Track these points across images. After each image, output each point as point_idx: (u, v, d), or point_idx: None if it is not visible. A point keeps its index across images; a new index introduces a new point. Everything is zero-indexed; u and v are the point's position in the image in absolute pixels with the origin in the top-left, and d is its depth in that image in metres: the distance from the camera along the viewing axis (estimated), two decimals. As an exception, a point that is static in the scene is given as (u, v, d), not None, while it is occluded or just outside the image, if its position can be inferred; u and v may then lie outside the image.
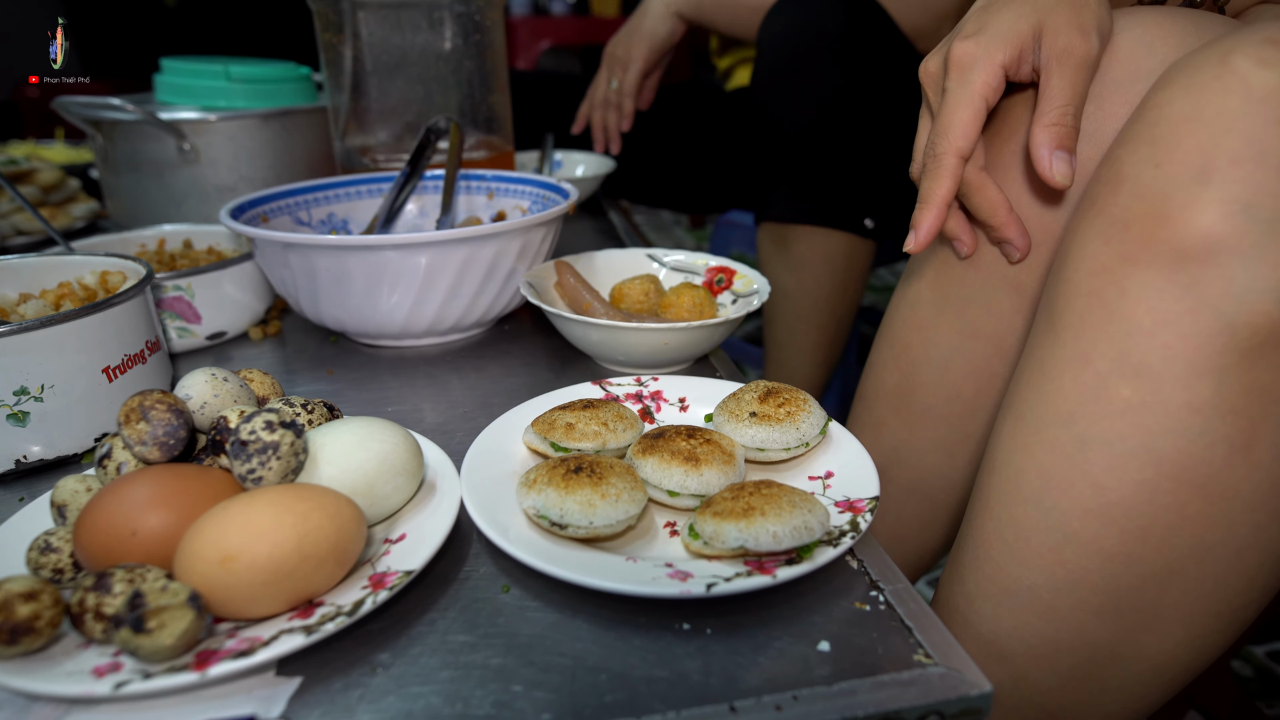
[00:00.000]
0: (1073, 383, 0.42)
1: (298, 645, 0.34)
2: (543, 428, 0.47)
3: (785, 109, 0.98)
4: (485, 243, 0.63)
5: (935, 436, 0.63)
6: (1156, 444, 0.40)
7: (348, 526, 0.37)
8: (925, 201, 0.49)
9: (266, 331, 0.74)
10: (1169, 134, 0.39)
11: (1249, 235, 0.36)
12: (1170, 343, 0.38)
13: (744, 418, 0.48)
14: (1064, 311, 0.43)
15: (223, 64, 0.94)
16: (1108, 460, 0.41)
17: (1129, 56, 0.48)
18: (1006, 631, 0.46)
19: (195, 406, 0.45)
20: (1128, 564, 0.41)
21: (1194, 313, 0.38)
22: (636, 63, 1.16)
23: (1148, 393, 0.39)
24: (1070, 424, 0.42)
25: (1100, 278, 0.41)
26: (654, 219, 3.15)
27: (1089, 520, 0.42)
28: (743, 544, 0.37)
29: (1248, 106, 0.36)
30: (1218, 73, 0.38)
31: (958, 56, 0.48)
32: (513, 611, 0.38)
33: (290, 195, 0.77)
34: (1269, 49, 0.36)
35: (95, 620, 0.34)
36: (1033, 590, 0.45)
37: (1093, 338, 0.41)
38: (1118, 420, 0.40)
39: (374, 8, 0.84)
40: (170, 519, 0.37)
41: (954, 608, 0.50)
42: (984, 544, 0.48)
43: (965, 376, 0.60)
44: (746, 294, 0.68)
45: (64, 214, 0.99)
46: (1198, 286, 0.37)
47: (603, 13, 3.20)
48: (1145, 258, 0.39)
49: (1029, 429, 0.45)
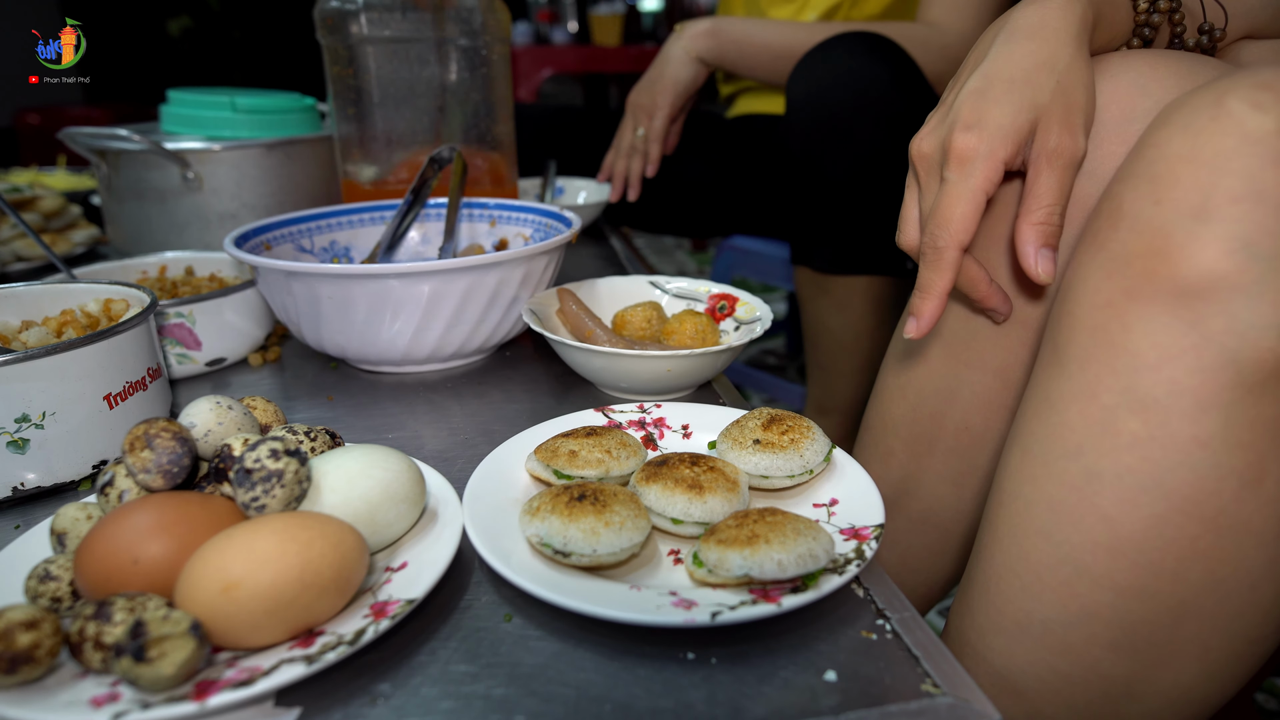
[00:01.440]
0: (1079, 416, 0.42)
1: (298, 675, 0.33)
2: (545, 455, 0.47)
3: (822, 163, 0.97)
4: (488, 271, 0.63)
5: (943, 468, 0.63)
6: (1165, 478, 0.39)
7: (350, 555, 0.37)
8: (927, 292, 0.49)
9: (266, 358, 0.74)
10: (1167, 172, 0.39)
11: (1250, 272, 0.36)
12: (1176, 377, 0.39)
13: (748, 445, 0.47)
14: (1068, 345, 0.43)
15: (229, 95, 0.95)
16: (1117, 494, 0.41)
17: (1125, 97, 0.49)
18: (1019, 667, 0.46)
19: (199, 434, 0.45)
20: (1141, 598, 0.41)
21: (1198, 348, 0.38)
22: (662, 110, 1.15)
23: (1155, 426, 0.39)
24: (1078, 457, 0.42)
25: (1104, 312, 0.41)
26: (656, 243, 3.16)
27: (1100, 554, 0.42)
28: (747, 572, 0.37)
29: (1244, 147, 0.37)
30: (1214, 114, 0.38)
31: (959, 149, 0.47)
32: (515, 641, 0.38)
33: (293, 223, 0.78)
34: (1262, 93, 0.37)
35: (95, 650, 0.34)
36: (1045, 624, 0.44)
37: (1098, 371, 0.41)
38: (1126, 454, 0.40)
39: (383, 43, 0.85)
40: (172, 548, 0.37)
41: (965, 641, 0.49)
42: (994, 577, 0.47)
43: (972, 408, 0.60)
44: (749, 321, 0.68)
45: (65, 240, 0.99)
46: (1201, 322, 0.38)
47: (604, 42, 3.24)
48: (1148, 293, 0.39)
49: (1037, 461, 0.45)
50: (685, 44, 1.12)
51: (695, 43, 1.11)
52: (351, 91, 0.87)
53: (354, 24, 0.84)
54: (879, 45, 0.94)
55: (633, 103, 1.17)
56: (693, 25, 1.12)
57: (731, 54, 1.12)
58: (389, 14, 0.84)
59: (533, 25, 3.47)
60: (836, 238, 1.00)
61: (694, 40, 1.11)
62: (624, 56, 3.16)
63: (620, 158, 1.19)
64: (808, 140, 0.98)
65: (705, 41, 1.11)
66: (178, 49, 3.66)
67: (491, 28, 0.88)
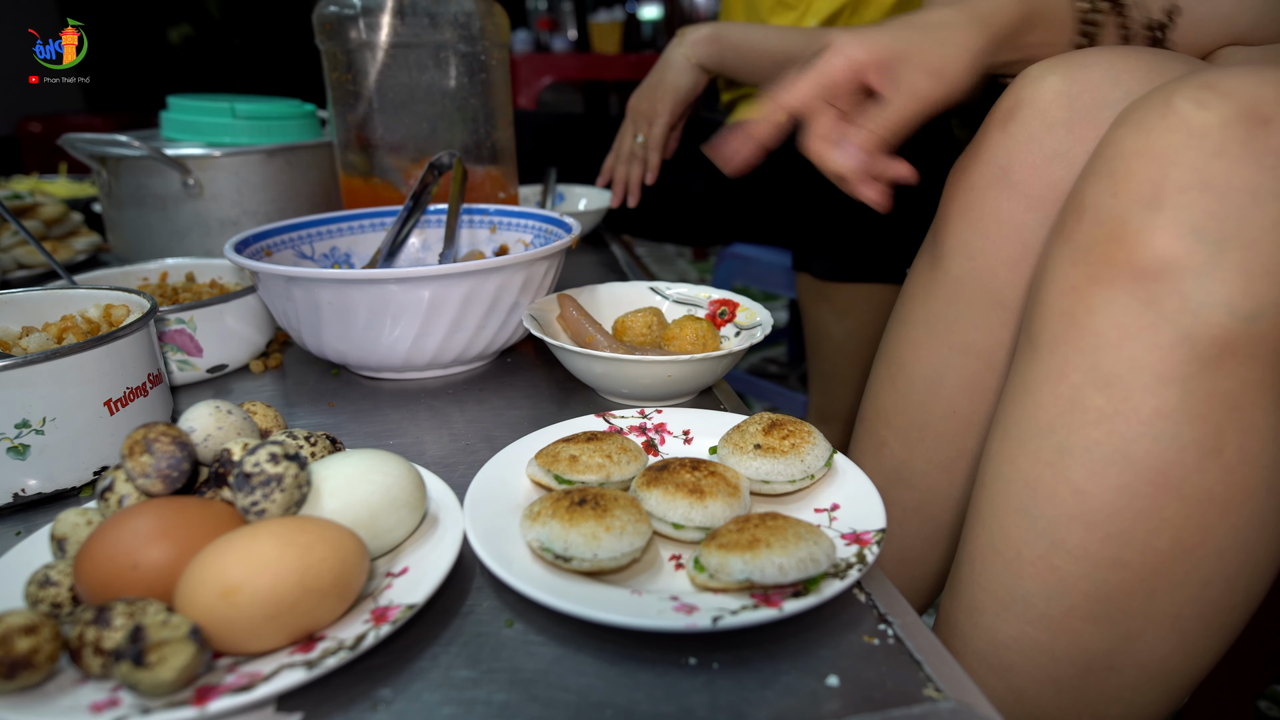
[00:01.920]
0: (1050, 395, 0.45)
1: (299, 681, 0.33)
2: (546, 460, 0.47)
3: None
4: (488, 276, 0.63)
5: (934, 454, 0.64)
6: (1131, 449, 0.42)
7: (350, 559, 0.37)
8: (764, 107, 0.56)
9: (267, 364, 0.74)
10: (1123, 167, 0.42)
11: (1199, 254, 0.39)
12: (1136, 354, 0.41)
13: (748, 450, 0.47)
14: (1040, 330, 0.46)
15: (229, 101, 0.95)
16: (1087, 467, 0.43)
17: (1097, 87, 0.52)
18: (1004, 643, 0.47)
19: (199, 439, 0.44)
20: (1114, 568, 0.43)
21: (1155, 326, 0.41)
22: (662, 117, 1.14)
23: (1119, 401, 0.42)
24: (1050, 434, 0.45)
25: (1070, 297, 0.44)
26: (657, 251, 3.17)
27: (1074, 526, 0.44)
28: (749, 576, 0.37)
29: (1190, 141, 0.40)
30: (1162, 113, 0.42)
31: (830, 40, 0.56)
32: (516, 646, 0.38)
33: (293, 229, 0.78)
34: (1205, 92, 0.41)
35: (94, 655, 0.34)
36: (1026, 599, 0.46)
37: (1065, 352, 0.44)
38: (1093, 428, 0.43)
39: (381, 48, 0.85)
40: (172, 552, 0.37)
41: (954, 623, 0.51)
42: (979, 556, 0.49)
43: (959, 392, 0.61)
44: (749, 326, 0.68)
45: (66, 247, 0.99)
46: (1157, 302, 0.40)
47: (603, 49, 3.25)
48: (1108, 277, 0.42)
49: (1014, 442, 0.47)
50: (686, 50, 1.12)
51: (696, 49, 1.11)
52: (351, 97, 0.87)
53: (352, 29, 0.84)
54: None
55: (632, 108, 1.17)
56: (693, 31, 1.12)
57: (732, 60, 1.11)
58: (387, 19, 0.84)
59: (533, 33, 3.49)
60: (839, 246, 1.00)
61: (694, 46, 1.11)
62: (624, 64, 3.17)
63: (620, 163, 1.19)
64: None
65: (706, 48, 1.11)
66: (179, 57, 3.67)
67: (490, 32, 0.88)
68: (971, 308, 0.59)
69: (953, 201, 0.59)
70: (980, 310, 0.59)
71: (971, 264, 0.58)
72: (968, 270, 0.58)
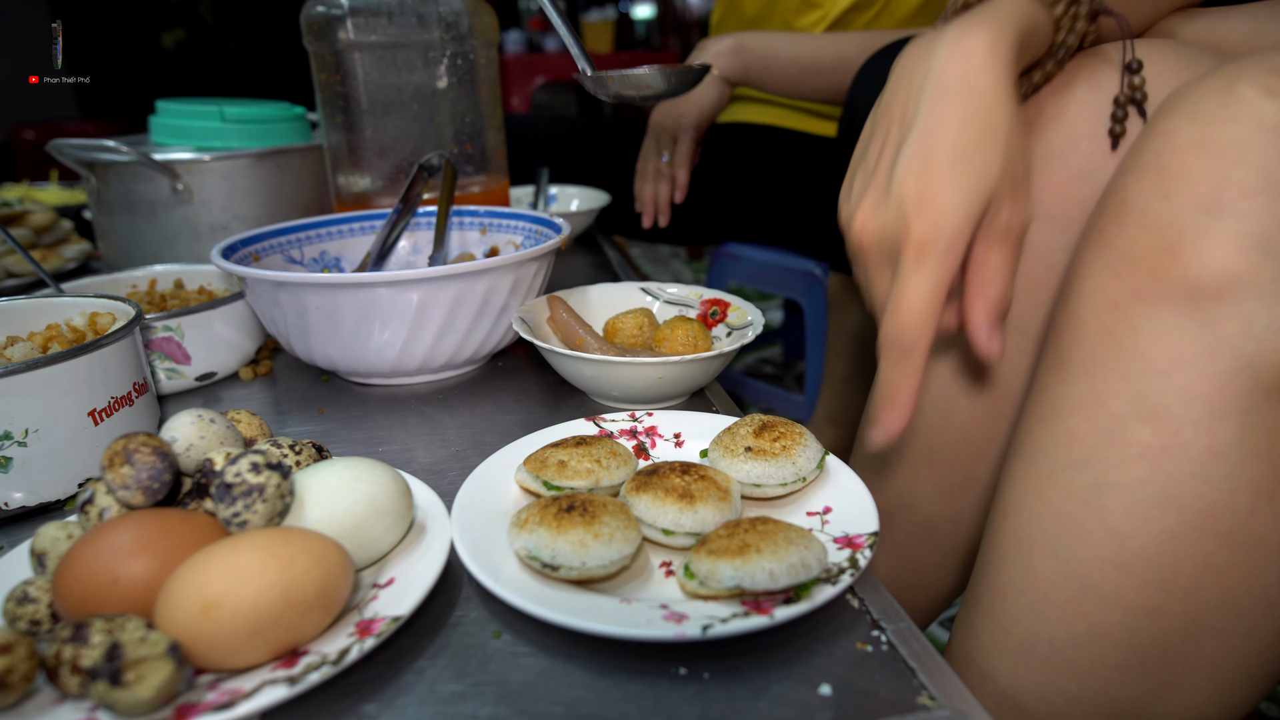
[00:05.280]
0: (1086, 424, 0.41)
1: (281, 697, 0.32)
2: (535, 466, 0.47)
3: None
4: (477, 278, 0.62)
5: (941, 480, 0.61)
6: (1178, 490, 0.38)
7: (334, 571, 0.36)
8: (895, 396, 0.43)
9: (257, 371, 0.73)
10: (1177, 164, 0.37)
11: (1265, 271, 0.35)
12: (1189, 384, 0.37)
13: (739, 453, 0.47)
14: (1074, 349, 0.41)
15: (218, 105, 0.95)
16: (1127, 507, 0.39)
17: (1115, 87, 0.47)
18: (1026, 688, 0.44)
19: (181, 449, 0.44)
20: (1152, 617, 0.40)
21: (1212, 352, 0.36)
22: (688, 133, 1.11)
23: (1167, 436, 0.38)
24: (1086, 468, 0.41)
25: (1111, 314, 0.39)
26: (651, 251, 3.16)
27: (1109, 571, 0.40)
28: (739, 583, 0.36)
29: (1259, 136, 0.35)
30: (1224, 101, 0.36)
31: (917, 240, 0.41)
32: (504, 658, 0.37)
33: (282, 234, 0.77)
34: (1275, 78, 0.36)
35: (72, 673, 0.33)
36: (1052, 644, 0.42)
37: (1106, 377, 0.40)
38: (1136, 465, 0.39)
39: (370, 48, 0.84)
40: (152, 566, 0.36)
41: (970, 661, 0.48)
42: (999, 594, 0.45)
43: (970, 419, 0.58)
44: (741, 326, 0.68)
45: (56, 255, 0.99)
46: (1215, 324, 0.36)
47: (595, 49, 3.25)
48: (1158, 294, 0.37)
49: (1042, 473, 0.43)
50: (708, 63, 1.09)
51: (719, 61, 1.08)
52: (339, 99, 0.87)
53: (340, 29, 0.83)
54: None
55: (655, 124, 1.14)
56: (714, 44, 1.08)
57: (757, 70, 1.08)
58: (375, 19, 0.83)
59: (525, 33, 3.48)
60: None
61: (717, 59, 1.08)
62: (615, 63, 3.17)
63: (647, 183, 1.16)
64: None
65: (730, 59, 1.07)
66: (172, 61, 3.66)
67: (479, 31, 0.87)
68: None
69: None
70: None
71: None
72: None
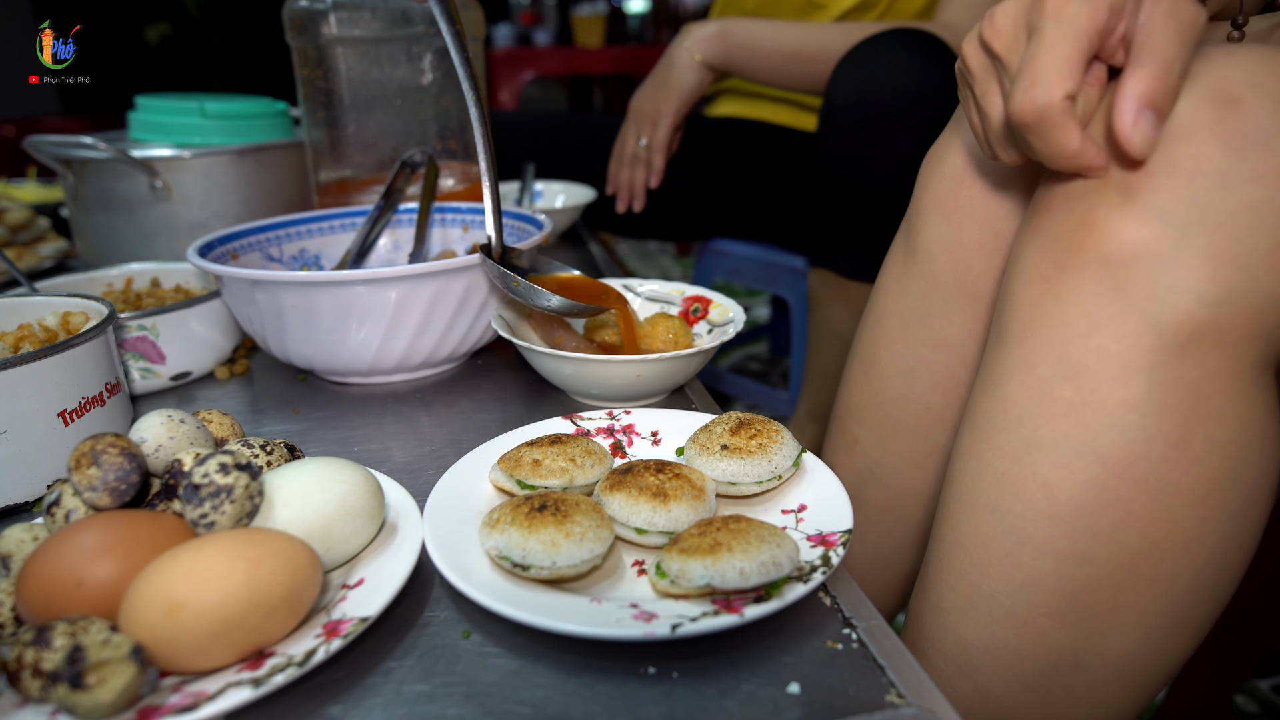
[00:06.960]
0: (1019, 387, 0.44)
1: (244, 700, 0.32)
2: (509, 465, 0.46)
3: (865, 166, 0.93)
4: (456, 276, 0.62)
5: (906, 450, 0.63)
6: (1098, 442, 0.41)
7: (302, 572, 0.36)
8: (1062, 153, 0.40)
9: (233, 370, 0.72)
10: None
11: (1166, 240, 0.38)
12: (1104, 344, 0.40)
13: (715, 450, 0.47)
14: (1009, 320, 0.45)
15: (198, 100, 0.94)
16: (1054, 460, 0.42)
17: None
18: (970, 642, 0.46)
19: (150, 450, 0.43)
20: (1080, 564, 0.42)
21: (1123, 314, 0.40)
22: (667, 118, 1.10)
23: (1087, 392, 0.41)
24: (1018, 428, 0.44)
25: (1039, 286, 0.43)
26: (640, 248, 3.15)
27: (1041, 521, 0.43)
28: (709, 582, 0.36)
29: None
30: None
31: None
32: (472, 659, 0.37)
33: (261, 231, 0.77)
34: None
35: (33, 677, 0.33)
36: (993, 597, 0.45)
37: (1034, 343, 0.43)
38: (1061, 421, 0.42)
39: (353, 43, 0.84)
40: (118, 568, 0.36)
41: (923, 623, 0.50)
42: (947, 555, 0.48)
43: (932, 387, 0.61)
44: (722, 323, 0.67)
45: (31, 254, 0.98)
46: (1124, 289, 0.40)
47: (586, 44, 3.23)
48: (1077, 264, 0.41)
49: (982, 436, 0.46)
50: (691, 47, 1.08)
51: (702, 46, 1.07)
52: (322, 94, 0.86)
53: (323, 24, 0.83)
54: (933, 43, 0.89)
55: (635, 108, 1.13)
56: (698, 28, 1.08)
57: (740, 58, 1.06)
58: (358, 13, 0.83)
59: (516, 27, 3.46)
60: (868, 247, 0.97)
61: (700, 44, 1.07)
62: (606, 58, 3.16)
63: (623, 167, 1.15)
64: (850, 143, 0.93)
65: (712, 45, 1.06)
66: (156, 56, 3.63)
67: (464, 25, 0.87)
68: (945, 301, 0.58)
69: (926, 192, 0.59)
70: (954, 303, 0.58)
71: (946, 256, 0.57)
72: (942, 262, 0.58)
